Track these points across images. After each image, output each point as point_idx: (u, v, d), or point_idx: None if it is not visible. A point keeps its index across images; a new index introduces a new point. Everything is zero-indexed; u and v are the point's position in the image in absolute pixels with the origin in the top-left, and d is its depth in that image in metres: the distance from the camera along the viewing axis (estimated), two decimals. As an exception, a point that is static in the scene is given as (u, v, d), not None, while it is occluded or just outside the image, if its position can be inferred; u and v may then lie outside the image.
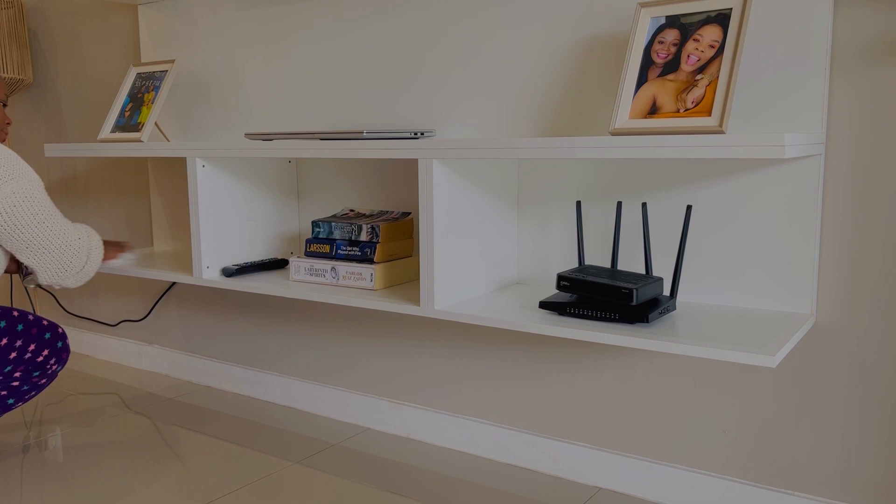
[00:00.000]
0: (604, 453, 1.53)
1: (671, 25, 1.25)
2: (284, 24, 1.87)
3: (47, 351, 1.65)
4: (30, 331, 1.63)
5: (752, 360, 1.07)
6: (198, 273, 1.68)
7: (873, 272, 1.24)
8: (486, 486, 1.55)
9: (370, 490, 1.54)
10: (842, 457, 1.30)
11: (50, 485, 1.57)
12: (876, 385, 1.26)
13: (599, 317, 1.24)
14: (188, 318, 2.25)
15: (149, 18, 2.15)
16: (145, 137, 1.88)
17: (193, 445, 1.77)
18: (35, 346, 1.63)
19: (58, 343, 1.67)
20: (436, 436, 1.76)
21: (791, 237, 1.28)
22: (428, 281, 1.35)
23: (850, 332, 1.27)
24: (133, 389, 2.19)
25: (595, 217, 1.48)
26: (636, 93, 1.24)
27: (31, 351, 1.62)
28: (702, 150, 1.07)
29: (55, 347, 1.66)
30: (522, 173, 1.55)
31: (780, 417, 1.35)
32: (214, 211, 1.69)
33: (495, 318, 1.29)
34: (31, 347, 1.62)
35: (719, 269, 1.36)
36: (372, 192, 1.78)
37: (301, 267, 1.60)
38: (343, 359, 1.92)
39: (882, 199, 1.22)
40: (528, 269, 1.57)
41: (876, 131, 1.21)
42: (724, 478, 1.41)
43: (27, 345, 1.61)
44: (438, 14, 1.63)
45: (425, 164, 1.32)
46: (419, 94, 1.68)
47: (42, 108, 2.56)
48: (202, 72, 2.05)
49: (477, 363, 1.68)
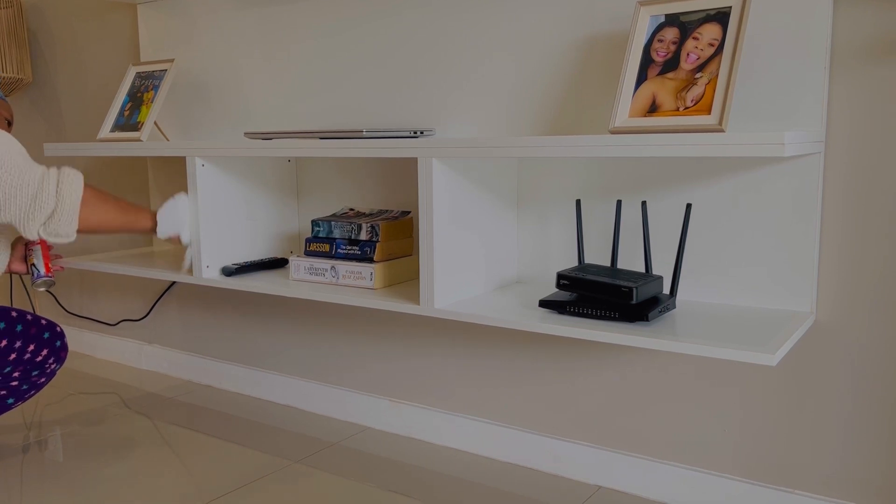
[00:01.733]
0: (604, 452, 1.53)
1: (671, 24, 1.25)
2: (284, 24, 1.87)
3: (46, 350, 1.65)
4: (29, 331, 1.63)
5: (752, 358, 1.07)
6: (198, 272, 1.68)
7: (873, 270, 1.24)
8: (486, 486, 1.55)
9: (370, 489, 1.54)
10: (842, 455, 1.30)
11: (50, 484, 1.57)
12: (876, 383, 1.26)
13: (599, 315, 1.24)
14: (188, 317, 2.25)
15: (148, 18, 2.15)
16: (145, 137, 1.88)
17: (193, 445, 1.76)
18: (34, 345, 1.63)
19: (56, 342, 1.67)
20: (436, 435, 1.76)
21: (791, 235, 1.28)
22: (428, 280, 1.35)
23: (851, 331, 1.27)
24: (133, 389, 2.19)
25: (595, 216, 1.48)
26: (636, 91, 1.24)
27: (31, 351, 1.62)
28: (701, 148, 1.07)
29: (54, 347, 1.66)
30: (522, 172, 1.55)
31: (780, 416, 1.35)
32: (214, 210, 1.69)
33: (495, 317, 1.29)
34: (31, 347, 1.62)
35: (719, 268, 1.36)
36: (371, 191, 1.78)
37: (301, 266, 1.59)
38: (343, 358, 1.92)
39: (882, 197, 1.22)
40: (528, 268, 1.57)
41: (876, 129, 1.21)
42: (724, 476, 1.41)
43: (27, 345, 1.61)
44: (438, 13, 1.62)
45: (425, 163, 1.32)
46: (419, 93, 1.67)
47: (41, 108, 2.56)
48: (201, 71, 2.05)
49: (477, 362, 1.68)
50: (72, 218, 1.40)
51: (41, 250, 1.66)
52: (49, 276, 1.64)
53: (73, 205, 1.39)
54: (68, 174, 1.43)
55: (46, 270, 1.65)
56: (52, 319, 1.76)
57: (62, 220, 1.40)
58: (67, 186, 1.39)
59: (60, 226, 1.40)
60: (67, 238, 1.42)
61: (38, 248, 1.66)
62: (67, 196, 1.39)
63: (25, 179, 1.35)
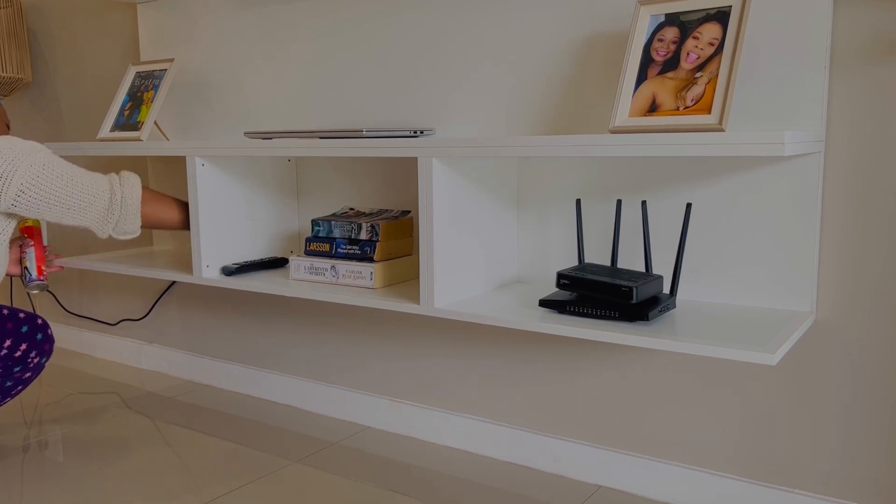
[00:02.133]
0: (604, 451, 1.53)
1: (671, 23, 1.25)
2: (284, 23, 1.87)
3: (25, 345, 1.62)
4: (4, 326, 1.59)
5: (752, 357, 1.07)
6: (198, 272, 1.68)
7: (873, 270, 1.24)
8: (486, 485, 1.55)
9: (370, 489, 1.54)
10: (842, 454, 1.30)
11: (50, 484, 1.57)
12: (876, 382, 1.26)
13: (599, 315, 1.24)
14: (188, 317, 2.25)
15: (148, 17, 2.15)
16: (145, 136, 1.88)
17: (193, 444, 1.77)
18: (11, 341, 1.59)
19: (37, 335, 1.64)
20: (436, 434, 1.76)
21: (791, 235, 1.28)
22: (428, 279, 1.35)
23: (850, 330, 1.27)
24: (133, 389, 2.19)
25: (595, 215, 1.48)
26: (636, 91, 1.24)
27: (7, 347, 1.59)
28: (701, 148, 1.07)
29: (34, 340, 1.63)
30: (522, 172, 1.55)
31: (780, 415, 1.35)
32: (214, 210, 1.69)
33: (495, 317, 1.29)
34: (7, 343, 1.59)
35: (719, 267, 1.36)
36: (371, 190, 1.78)
37: (301, 266, 1.59)
38: (343, 357, 1.92)
39: (882, 197, 1.22)
40: (528, 268, 1.57)
41: (876, 129, 1.21)
42: (724, 475, 1.41)
43: (2, 341, 1.58)
44: (438, 12, 1.62)
45: (425, 162, 1.32)
46: (419, 93, 1.67)
47: (41, 108, 2.56)
48: (201, 71, 2.05)
49: (477, 361, 1.68)
50: (135, 217, 1.59)
51: (34, 252, 1.65)
52: (41, 279, 1.64)
53: (135, 207, 1.59)
54: (128, 179, 1.59)
55: (38, 273, 1.65)
56: (35, 313, 1.73)
57: (128, 221, 1.58)
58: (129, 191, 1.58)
59: (127, 226, 1.58)
60: (134, 234, 1.60)
61: (32, 250, 1.65)
62: (130, 200, 1.58)
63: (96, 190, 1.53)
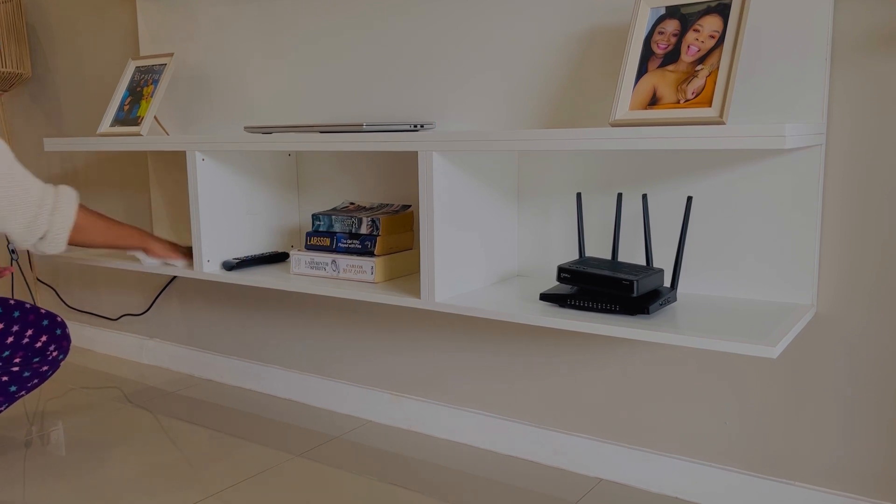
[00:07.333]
0: (605, 445, 1.53)
1: (671, 16, 1.25)
2: (284, 17, 1.87)
3: (45, 337, 1.64)
4: (27, 317, 1.62)
5: (752, 350, 1.07)
6: (198, 267, 1.68)
7: (874, 263, 1.24)
8: (487, 478, 1.55)
9: (372, 482, 1.54)
10: (842, 447, 1.31)
11: (52, 478, 1.57)
12: (876, 376, 1.26)
13: (600, 308, 1.24)
14: (189, 311, 2.25)
15: (147, 11, 2.14)
16: (145, 131, 1.87)
17: (195, 439, 1.77)
18: (32, 331, 1.62)
19: (56, 331, 1.66)
20: (437, 428, 1.76)
21: (792, 228, 1.28)
22: (428, 273, 1.35)
23: (851, 324, 1.27)
24: (134, 383, 2.19)
25: (595, 209, 1.48)
26: (636, 84, 1.24)
27: (29, 336, 1.61)
28: (702, 141, 1.07)
29: (54, 334, 1.66)
30: (522, 165, 1.55)
31: (780, 408, 1.35)
32: (214, 205, 1.69)
33: (496, 311, 1.29)
34: (29, 333, 1.61)
35: (720, 261, 1.36)
36: (372, 185, 1.78)
37: (301, 260, 1.60)
38: (344, 352, 1.92)
39: (883, 190, 1.22)
40: (529, 262, 1.57)
41: (877, 122, 1.21)
42: (724, 468, 1.41)
43: (24, 330, 1.61)
44: (438, 6, 1.62)
45: (425, 156, 1.32)
46: (419, 87, 1.67)
47: (41, 103, 2.55)
48: (201, 65, 2.04)
49: (478, 355, 1.69)
50: (62, 240, 1.51)
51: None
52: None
53: (65, 230, 1.51)
54: (63, 198, 1.51)
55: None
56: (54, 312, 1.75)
57: (52, 242, 1.51)
58: (61, 213, 1.50)
59: (49, 246, 1.51)
60: (55, 252, 1.53)
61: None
62: (60, 222, 1.50)
63: (26, 199, 1.45)
